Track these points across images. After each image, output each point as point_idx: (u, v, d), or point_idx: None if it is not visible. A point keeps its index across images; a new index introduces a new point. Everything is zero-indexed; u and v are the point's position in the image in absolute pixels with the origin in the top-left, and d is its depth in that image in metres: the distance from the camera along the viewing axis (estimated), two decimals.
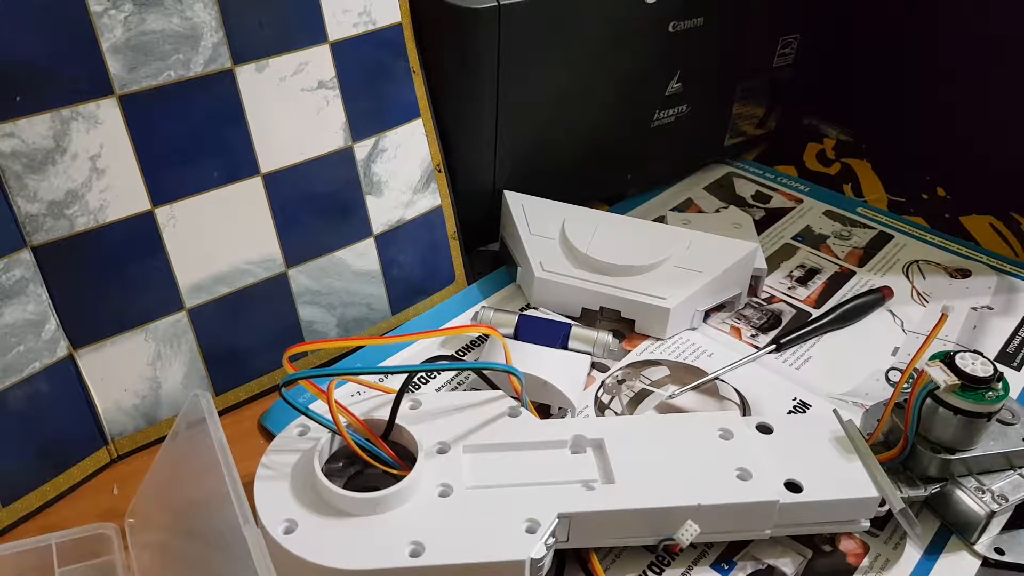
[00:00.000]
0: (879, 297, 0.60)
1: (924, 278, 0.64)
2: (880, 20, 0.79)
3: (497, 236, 0.64)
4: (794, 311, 0.60)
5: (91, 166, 0.43)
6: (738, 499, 0.41)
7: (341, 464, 0.44)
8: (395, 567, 0.37)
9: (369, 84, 0.52)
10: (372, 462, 0.42)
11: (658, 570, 0.42)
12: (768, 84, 0.75)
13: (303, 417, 0.42)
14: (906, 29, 0.78)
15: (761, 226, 0.69)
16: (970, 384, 0.42)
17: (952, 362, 0.43)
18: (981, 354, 0.43)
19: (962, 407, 0.42)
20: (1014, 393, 0.54)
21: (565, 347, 0.52)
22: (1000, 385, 0.42)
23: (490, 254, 0.65)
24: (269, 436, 0.50)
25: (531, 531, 0.38)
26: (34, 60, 0.40)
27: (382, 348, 0.55)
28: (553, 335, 0.52)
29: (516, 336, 0.53)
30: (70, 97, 0.42)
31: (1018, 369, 0.56)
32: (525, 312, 0.55)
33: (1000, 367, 0.43)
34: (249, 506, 0.34)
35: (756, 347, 0.57)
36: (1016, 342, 0.58)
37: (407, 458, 0.42)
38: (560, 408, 0.50)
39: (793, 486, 0.42)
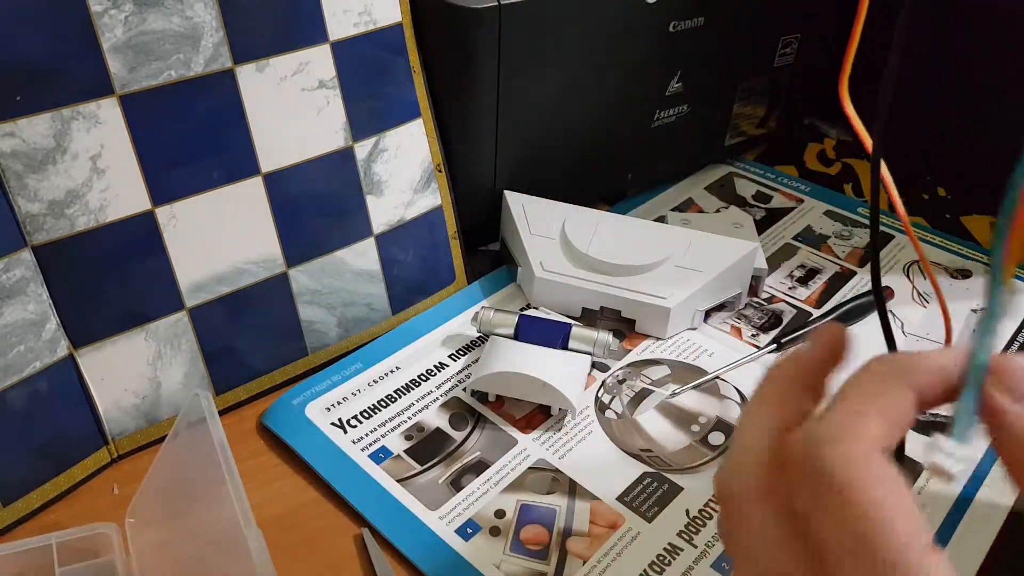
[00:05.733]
0: None
1: (924, 278, 0.64)
2: (880, 20, 0.79)
3: (497, 236, 0.64)
4: (795, 311, 0.60)
5: (91, 166, 0.43)
6: None
7: None
8: None
9: (369, 84, 0.52)
10: None
11: (659, 570, 0.42)
12: (768, 84, 0.75)
13: None
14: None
15: (761, 226, 0.69)
16: None
17: None
18: None
19: None
20: None
21: (565, 347, 0.52)
22: None
23: (490, 254, 0.65)
24: (269, 436, 0.50)
25: None
26: (35, 60, 0.40)
27: (382, 347, 0.55)
28: (553, 335, 0.52)
29: (516, 336, 0.53)
30: (71, 97, 0.42)
31: None
32: (525, 312, 0.55)
33: None
34: (249, 506, 0.34)
35: (757, 347, 0.57)
36: (1015, 347, 0.57)
37: None
38: (560, 409, 0.50)
39: None
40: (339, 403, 0.51)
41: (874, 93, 0.34)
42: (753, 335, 0.58)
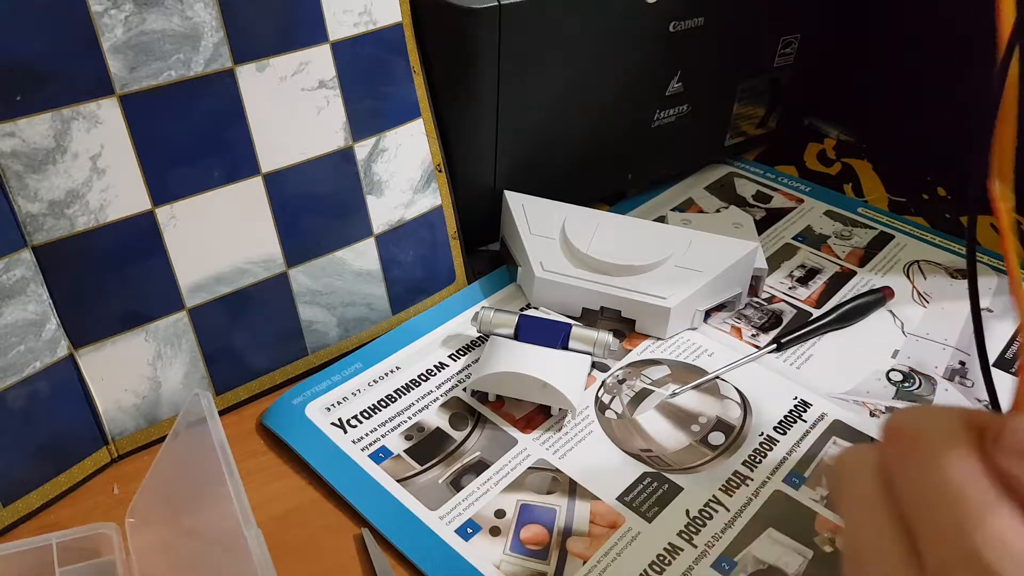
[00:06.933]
0: (880, 297, 0.60)
1: (925, 278, 0.64)
2: (880, 20, 0.79)
3: (497, 236, 0.64)
4: (795, 311, 0.60)
5: (92, 166, 0.43)
6: None
7: None
8: None
9: (369, 84, 0.52)
10: None
11: (659, 570, 0.42)
12: (768, 84, 0.75)
13: None
14: (906, 29, 0.78)
15: (762, 226, 0.69)
16: None
17: None
18: None
19: None
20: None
21: (565, 347, 0.52)
22: None
23: (490, 254, 0.65)
24: (269, 436, 0.50)
25: None
26: (35, 60, 0.40)
27: (382, 347, 0.55)
28: (553, 335, 0.52)
29: (516, 336, 0.53)
30: (71, 97, 0.42)
31: (1016, 375, 0.55)
32: (525, 312, 0.55)
33: (997, 372, 0.42)
34: (249, 506, 0.34)
35: (757, 347, 0.57)
36: (1015, 347, 0.57)
37: None
38: (560, 409, 0.50)
39: None
40: (339, 403, 0.51)
41: (874, 94, 0.34)
42: (753, 335, 0.58)
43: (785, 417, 0.51)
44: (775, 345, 0.56)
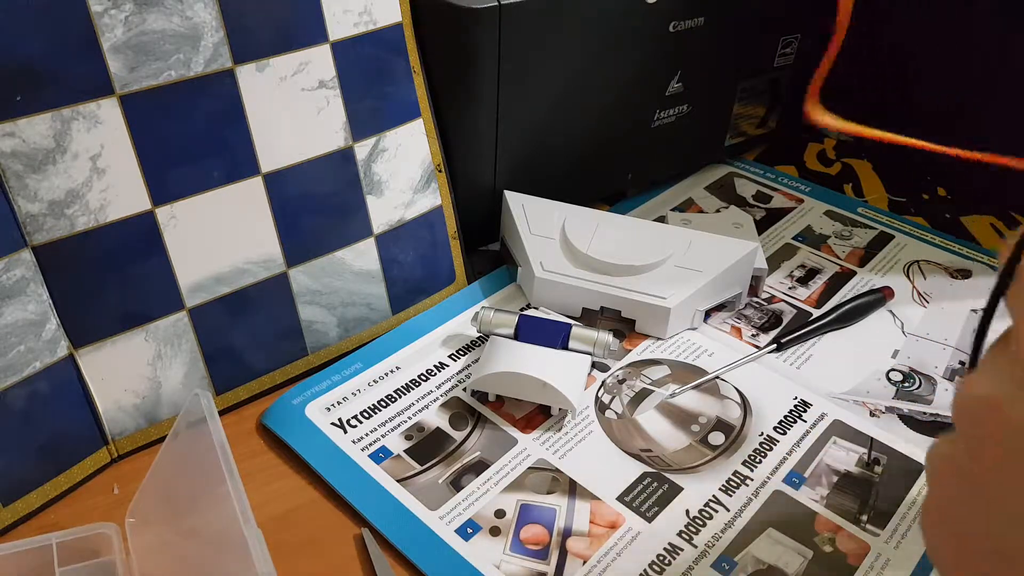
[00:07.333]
0: (880, 297, 0.60)
1: (925, 278, 0.64)
2: (881, 20, 0.79)
3: (497, 236, 0.64)
4: (795, 311, 0.60)
5: (91, 166, 0.43)
6: None
7: None
8: None
9: (369, 84, 0.52)
10: None
11: (658, 570, 0.42)
12: (769, 84, 0.75)
13: None
14: (907, 29, 0.77)
15: (762, 226, 0.69)
16: None
17: None
18: None
19: None
20: None
21: (565, 347, 0.52)
22: None
23: (490, 254, 0.65)
24: (269, 436, 0.50)
25: None
26: (35, 60, 0.40)
27: (382, 347, 0.55)
28: (553, 335, 0.52)
29: (516, 336, 0.53)
30: (71, 97, 0.42)
31: None
32: (525, 312, 0.55)
33: None
34: (249, 506, 0.34)
35: (757, 347, 0.57)
36: None
37: None
38: (560, 409, 0.50)
39: None
40: (339, 403, 0.51)
41: (874, 94, 0.34)
42: (753, 335, 0.58)
43: (785, 417, 0.51)
44: (775, 345, 0.56)
